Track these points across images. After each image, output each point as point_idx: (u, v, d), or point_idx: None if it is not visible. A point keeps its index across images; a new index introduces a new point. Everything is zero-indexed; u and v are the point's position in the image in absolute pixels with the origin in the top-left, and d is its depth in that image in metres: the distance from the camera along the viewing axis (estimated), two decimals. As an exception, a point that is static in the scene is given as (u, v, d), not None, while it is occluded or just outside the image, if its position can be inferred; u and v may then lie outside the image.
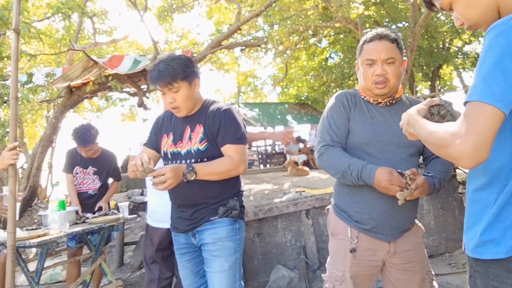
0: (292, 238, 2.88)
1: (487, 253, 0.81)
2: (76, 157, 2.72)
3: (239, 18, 6.37)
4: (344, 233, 1.29)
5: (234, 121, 1.49)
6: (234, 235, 1.49)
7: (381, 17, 11.12)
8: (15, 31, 1.89)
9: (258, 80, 14.50)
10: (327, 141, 1.29)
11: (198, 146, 1.46)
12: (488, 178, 0.82)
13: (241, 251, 1.53)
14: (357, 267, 1.29)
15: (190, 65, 1.50)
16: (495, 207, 0.80)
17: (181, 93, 1.46)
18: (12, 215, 1.84)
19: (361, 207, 1.27)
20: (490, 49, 0.73)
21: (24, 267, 2.23)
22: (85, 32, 8.05)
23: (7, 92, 3.46)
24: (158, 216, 1.92)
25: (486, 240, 0.81)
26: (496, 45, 0.73)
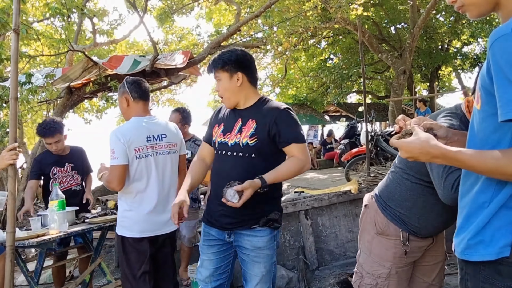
0: (291, 238, 2.89)
1: (476, 255, 0.80)
2: (48, 159, 2.70)
3: (238, 19, 6.39)
4: (396, 235, 1.32)
5: (294, 120, 1.53)
6: (272, 243, 1.53)
7: (380, 18, 11.15)
8: (14, 31, 1.89)
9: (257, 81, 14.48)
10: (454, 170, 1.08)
11: (247, 140, 1.48)
12: (481, 182, 0.81)
13: (276, 252, 1.57)
14: (403, 263, 1.33)
15: (235, 58, 1.53)
16: (488, 210, 0.79)
17: (221, 83, 1.54)
18: (12, 215, 1.85)
19: (422, 224, 1.30)
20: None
21: (23, 267, 2.23)
22: (85, 33, 8.05)
23: (7, 93, 3.47)
24: (143, 226, 1.83)
25: (475, 242, 0.81)
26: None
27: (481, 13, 0.84)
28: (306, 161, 1.49)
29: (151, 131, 1.86)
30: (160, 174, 1.86)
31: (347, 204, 2.96)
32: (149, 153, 1.83)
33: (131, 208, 1.85)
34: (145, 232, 1.84)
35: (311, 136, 12.92)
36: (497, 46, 0.73)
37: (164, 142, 1.88)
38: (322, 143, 10.23)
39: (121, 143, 1.77)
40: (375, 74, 13.14)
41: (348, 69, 10.96)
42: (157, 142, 1.86)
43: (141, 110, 1.87)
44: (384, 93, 14.52)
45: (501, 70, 0.71)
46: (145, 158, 1.82)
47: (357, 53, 10.91)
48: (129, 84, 1.87)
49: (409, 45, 9.09)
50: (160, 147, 1.87)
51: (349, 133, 7.87)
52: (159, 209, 1.86)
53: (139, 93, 1.86)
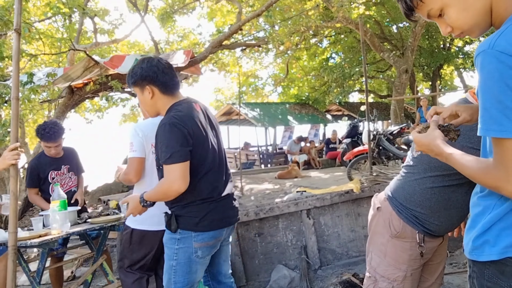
0: (293, 237, 2.88)
1: (483, 255, 0.82)
2: (44, 164, 2.67)
3: (240, 18, 6.37)
4: (412, 237, 1.31)
5: (165, 137, 1.46)
6: (172, 244, 1.56)
7: (382, 17, 11.11)
8: (16, 31, 1.89)
9: (259, 80, 14.51)
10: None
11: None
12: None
13: (180, 260, 1.56)
14: (418, 265, 1.34)
15: (140, 72, 1.54)
16: (493, 213, 0.81)
17: (138, 98, 1.62)
18: (14, 215, 1.85)
19: (442, 221, 1.29)
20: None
21: (25, 267, 2.23)
22: (87, 32, 8.06)
23: (8, 92, 3.47)
24: (158, 220, 1.83)
25: (481, 243, 0.83)
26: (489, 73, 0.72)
27: (482, 30, 0.84)
28: (171, 182, 1.43)
29: None
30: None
31: (349, 204, 2.95)
32: None
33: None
34: (160, 225, 1.83)
35: (311, 135, 12.90)
36: (478, 61, 0.75)
37: None
38: (326, 142, 10.21)
39: (139, 137, 1.86)
40: (377, 73, 13.10)
41: (350, 68, 10.92)
42: None
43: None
44: (386, 92, 14.48)
45: (482, 85, 0.74)
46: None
47: (359, 52, 10.88)
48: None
49: (411, 44, 9.05)
50: None
51: (351, 133, 7.85)
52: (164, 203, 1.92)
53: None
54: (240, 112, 9.78)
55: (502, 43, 0.72)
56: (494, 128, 0.73)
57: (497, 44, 0.72)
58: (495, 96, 0.72)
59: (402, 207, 1.32)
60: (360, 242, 2.92)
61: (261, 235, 2.83)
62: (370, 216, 1.43)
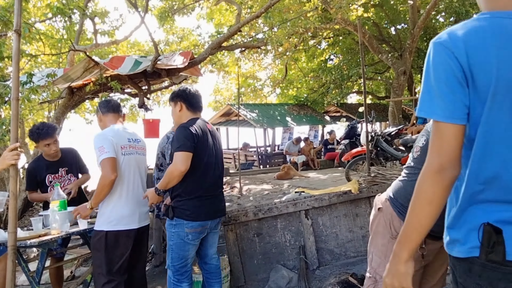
0: (292, 238, 2.89)
1: (454, 251, 0.86)
2: (41, 167, 2.67)
3: (239, 20, 6.39)
4: None
5: (179, 134, 1.99)
6: (170, 228, 2.05)
7: (380, 19, 11.17)
8: (16, 32, 1.90)
9: (258, 82, 14.53)
10: None
11: None
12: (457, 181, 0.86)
13: (176, 240, 2.05)
14: (419, 266, 1.30)
15: (176, 91, 2.15)
16: (455, 209, 0.85)
17: (171, 110, 2.20)
18: (13, 215, 1.85)
19: (441, 219, 1.28)
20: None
21: (24, 267, 2.24)
22: (87, 33, 8.07)
23: (8, 92, 3.47)
24: (129, 219, 2.09)
25: (452, 239, 0.86)
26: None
27: None
28: (176, 165, 1.93)
29: (129, 134, 2.20)
30: (140, 171, 2.18)
31: (348, 204, 2.97)
32: (131, 151, 2.14)
33: (119, 202, 2.06)
34: (131, 224, 2.08)
35: (311, 136, 12.93)
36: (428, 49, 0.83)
37: (139, 145, 2.22)
38: (323, 143, 10.24)
39: (109, 139, 2.02)
40: (375, 74, 13.15)
41: (349, 70, 10.96)
42: (135, 144, 2.19)
43: (113, 121, 2.21)
44: (384, 93, 14.52)
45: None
46: (129, 155, 2.11)
47: (357, 54, 10.91)
48: (99, 104, 2.27)
49: (409, 45, 9.09)
50: (137, 148, 2.19)
51: (349, 134, 7.87)
52: (140, 202, 2.13)
53: (107, 108, 2.22)
54: (239, 113, 9.79)
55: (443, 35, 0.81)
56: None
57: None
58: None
59: (403, 208, 1.32)
60: (358, 242, 2.94)
61: (260, 235, 2.84)
62: (372, 217, 1.43)
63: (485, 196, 0.81)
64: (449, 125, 0.78)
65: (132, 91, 5.99)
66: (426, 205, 0.82)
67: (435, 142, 0.81)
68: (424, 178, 0.82)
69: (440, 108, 0.79)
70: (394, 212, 1.34)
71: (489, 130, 0.77)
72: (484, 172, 0.80)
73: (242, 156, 10.78)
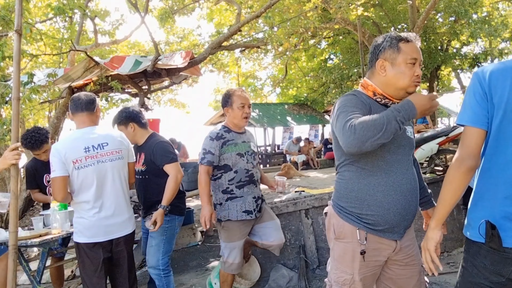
0: (292, 237, 2.89)
1: (467, 233, 1.13)
2: (38, 167, 2.65)
3: (239, 20, 6.40)
4: (352, 236, 1.28)
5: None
6: (164, 224, 2.19)
7: (380, 18, 11.16)
8: (17, 32, 1.91)
9: (258, 81, 14.53)
10: (351, 116, 1.16)
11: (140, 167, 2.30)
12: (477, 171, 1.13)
13: (168, 234, 2.25)
14: (365, 269, 1.29)
15: (123, 114, 2.30)
16: (472, 198, 1.13)
17: (122, 133, 2.19)
18: (14, 215, 1.86)
19: (374, 210, 1.25)
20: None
21: (25, 266, 2.24)
22: (87, 33, 8.07)
23: (9, 92, 3.48)
24: (93, 231, 1.91)
25: (467, 223, 1.13)
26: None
27: None
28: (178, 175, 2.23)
29: (89, 141, 1.91)
30: (106, 181, 1.92)
31: (348, 204, 2.97)
32: (89, 163, 1.89)
33: (81, 215, 1.92)
34: (96, 237, 1.90)
35: (311, 136, 12.94)
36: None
37: (106, 150, 1.94)
38: (324, 142, 10.25)
39: (58, 156, 1.84)
40: (375, 74, 13.11)
41: (348, 69, 10.96)
42: (98, 151, 1.92)
43: (81, 122, 1.95)
44: (384, 93, 14.49)
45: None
46: (84, 168, 1.88)
47: (357, 53, 10.91)
48: (70, 101, 2.00)
49: (409, 45, 9.06)
50: (102, 155, 1.92)
51: (349, 133, 7.83)
52: (109, 214, 1.92)
53: (75, 107, 1.95)
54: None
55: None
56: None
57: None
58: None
59: (339, 207, 1.33)
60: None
61: (260, 235, 2.85)
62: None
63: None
64: (471, 128, 1.06)
65: (132, 91, 6.00)
66: (447, 184, 1.09)
67: (462, 140, 1.07)
68: (451, 165, 1.08)
69: (468, 116, 1.07)
70: (334, 212, 1.35)
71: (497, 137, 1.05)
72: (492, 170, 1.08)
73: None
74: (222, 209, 2.16)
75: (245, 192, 2.16)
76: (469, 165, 1.04)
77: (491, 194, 1.06)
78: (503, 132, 1.03)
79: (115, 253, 1.97)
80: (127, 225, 1.99)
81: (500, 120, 1.03)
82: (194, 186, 4.12)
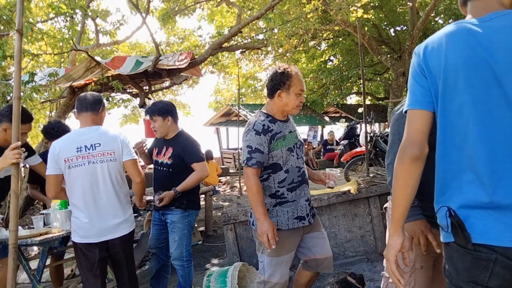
0: (291, 238, 2.91)
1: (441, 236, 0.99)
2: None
3: (239, 21, 6.42)
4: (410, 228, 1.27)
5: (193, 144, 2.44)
6: (183, 219, 2.39)
7: (380, 20, 11.20)
8: (18, 31, 1.92)
9: (258, 82, 14.55)
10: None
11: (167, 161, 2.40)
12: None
13: (189, 228, 2.43)
14: (425, 257, 1.28)
15: (164, 107, 2.40)
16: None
17: (157, 123, 2.39)
18: (15, 214, 1.87)
19: (431, 203, 1.26)
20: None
21: (25, 265, 2.25)
22: (88, 33, 8.10)
23: (9, 91, 3.49)
24: (86, 232, 1.92)
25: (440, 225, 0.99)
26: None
27: None
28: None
29: (82, 141, 1.92)
30: (97, 182, 1.91)
31: (346, 204, 2.98)
32: (80, 163, 1.90)
33: (75, 215, 1.96)
34: (89, 238, 1.92)
35: (310, 137, 12.95)
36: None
37: (97, 151, 1.92)
38: (323, 143, 10.26)
39: (52, 155, 1.92)
40: (374, 75, 13.17)
41: (348, 71, 10.99)
42: (90, 151, 1.91)
43: (83, 122, 1.99)
44: (384, 94, 14.55)
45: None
46: (75, 168, 1.90)
47: (357, 55, 10.94)
48: (77, 100, 2.04)
49: (408, 47, 9.12)
50: (94, 156, 1.91)
51: (348, 134, 7.89)
52: (99, 215, 1.91)
53: (80, 107, 1.99)
54: (240, 113, 9.81)
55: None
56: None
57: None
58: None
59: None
60: (357, 242, 2.95)
61: (259, 235, 2.85)
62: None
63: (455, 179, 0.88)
64: (411, 110, 0.91)
65: (133, 91, 6.01)
66: (395, 182, 0.93)
67: (405, 129, 0.93)
68: (396, 159, 0.94)
69: (409, 99, 0.93)
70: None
71: (444, 113, 0.89)
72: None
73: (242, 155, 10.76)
74: (270, 216, 1.73)
75: (298, 195, 1.76)
76: (412, 154, 0.88)
77: (455, 183, 0.85)
78: (448, 105, 0.85)
79: (112, 253, 1.98)
80: (122, 227, 1.96)
81: (442, 93, 0.86)
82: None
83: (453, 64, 0.85)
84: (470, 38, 0.84)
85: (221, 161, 11.81)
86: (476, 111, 0.81)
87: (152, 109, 2.38)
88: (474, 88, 0.82)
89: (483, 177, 0.80)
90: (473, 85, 0.82)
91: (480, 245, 0.78)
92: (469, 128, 0.82)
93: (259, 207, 1.66)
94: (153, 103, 2.47)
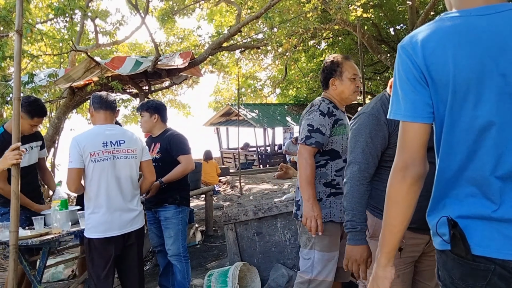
0: (291, 237, 2.90)
1: (434, 242, 0.92)
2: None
3: (239, 20, 6.42)
4: None
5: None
6: (178, 214, 2.43)
7: (380, 19, 11.19)
8: (17, 32, 1.92)
9: (258, 82, 14.56)
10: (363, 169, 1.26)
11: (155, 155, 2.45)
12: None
13: (183, 223, 2.48)
14: (403, 265, 1.26)
15: (153, 104, 2.54)
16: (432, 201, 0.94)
17: (143, 119, 2.52)
18: (15, 214, 1.87)
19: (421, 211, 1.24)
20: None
21: (26, 265, 2.25)
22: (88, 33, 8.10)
23: (9, 92, 3.50)
24: (107, 226, 1.98)
25: (433, 233, 0.90)
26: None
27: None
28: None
29: (108, 137, 2.03)
30: (119, 176, 2.02)
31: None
32: (105, 157, 1.99)
33: (94, 210, 1.99)
34: (111, 231, 1.99)
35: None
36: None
37: (122, 147, 2.05)
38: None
39: (76, 148, 1.95)
40: (374, 74, 13.17)
41: (348, 70, 10.94)
42: (115, 147, 2.02)
43: (102, 119, 2.08)
44: (384, 93, 14.52)
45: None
46: (101, 162, 1.98)
47: (357, 54, 10.93)
48: (93, 97, 2.15)
49: (409, 46, 9.08)
50: (119, 152, 2.03)
51: (349, 134, 7.83)
52: (121, 208, 2.02)
53: (99, 104, 2.08)
54: (239, 113, 9.82)
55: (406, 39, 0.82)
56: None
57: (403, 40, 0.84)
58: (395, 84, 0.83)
59: (373, 206, 1.34)
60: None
61: (260, 235, 2.86)
62: None
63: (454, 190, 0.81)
64: (411, 124, 0.79)
65: (133, 91, 6.01)
66: (393, 205, 0.83)
67: (400, 141, 0.81)
68: (391, 177, 0.83)
69: (404, 108, 0.80)
70: (369, 212, 1.35)
71: (452, 128, 0.78)
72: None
73: (242, 155, 10.80)
74: (322, 206, 1.63)
75: None
76: (415, 174, 0.79)
77: (454, 193, 0.81)
78: (457, 120, 0.77)
79: (126, 247, 2.06)
80: (137, 219, 2.09)
81: (451, 105, 0.76)
82: (194, 186, 4.15)
83: (464, 77, 0.75)
84: (478, 40, 0.74)
85: (221, 161, 11.82)
86: (490, 125, 0.75)
87: (141, 105, 2.59)
88: (489, 103, 0.74)
89: (487, 191, 0.76)
90: (489, 100, 0.74)
91: (479, 256, 0.75)
92: (480, 143, 0.76)
93: (310, 189, 1.58)
94: (145, 101, 2.62)
